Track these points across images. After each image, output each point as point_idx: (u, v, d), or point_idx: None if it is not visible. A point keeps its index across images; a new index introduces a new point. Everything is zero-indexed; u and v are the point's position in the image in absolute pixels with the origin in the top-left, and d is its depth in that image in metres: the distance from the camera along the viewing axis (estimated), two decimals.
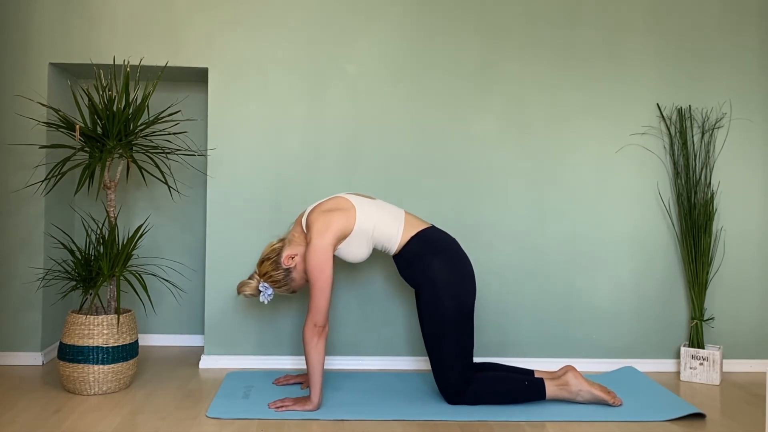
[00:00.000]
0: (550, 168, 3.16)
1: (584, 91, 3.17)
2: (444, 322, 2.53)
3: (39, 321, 3.05)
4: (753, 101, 3.21)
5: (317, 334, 2.46)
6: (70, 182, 3.29)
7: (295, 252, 2.62)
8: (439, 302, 2.53)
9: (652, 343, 3.18)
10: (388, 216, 2.62)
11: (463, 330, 2.55)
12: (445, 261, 2.56)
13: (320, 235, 2.50)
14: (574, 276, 3.16)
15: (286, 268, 2.62)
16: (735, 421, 2.48)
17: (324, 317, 2.47)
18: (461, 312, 2.54)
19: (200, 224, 3.50)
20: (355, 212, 2.57)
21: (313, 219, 2.57)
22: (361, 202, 2.62)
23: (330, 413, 2.45)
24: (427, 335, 2.57)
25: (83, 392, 2.62)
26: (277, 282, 2.63)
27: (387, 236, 2.60)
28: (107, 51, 3.05)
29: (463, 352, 2.55)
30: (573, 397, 2.58)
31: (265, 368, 3.06)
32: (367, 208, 2.60)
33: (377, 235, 2.60)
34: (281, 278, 2.62)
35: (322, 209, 2.58)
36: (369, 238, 2.59)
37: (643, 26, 3.18)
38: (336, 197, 2.64)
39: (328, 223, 2.52)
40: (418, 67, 3.12)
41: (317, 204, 2.64)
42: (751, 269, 3.21)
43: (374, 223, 2.58)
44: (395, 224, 2.61)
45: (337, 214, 2.55)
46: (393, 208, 2.68)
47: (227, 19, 3.08)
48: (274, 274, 2.62)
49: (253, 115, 3.09)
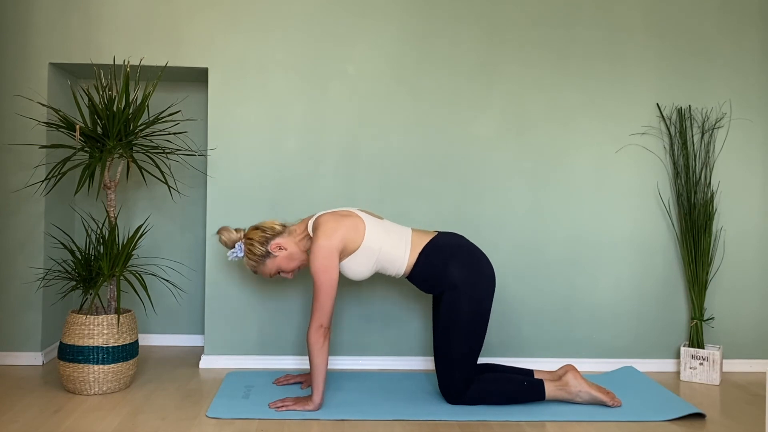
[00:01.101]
0: (550, 168, 3.16)
1: (584, 91, 3.17)
2: (461, 323, 2.52)
3: (39, 321, 3.05)
4: (753, 101, 3.22)
5: (323, 336, 2.46)
6: (70, 182, 3.29)
7: (286, 246, 2.60)
8: (459, 303, 2.52)
9: (652, 343, 3.18)
10: (395, 237, 2.60)
11: (477, 332, 2.55)
12: (461, 264, 2.56)
13: (327, 236, 2.49)
14: (574, 276, 3.16)
15: (268, 252, 2.59)
16: (735, 421, 2.48)
17: (329, 319, 2.47)
18: (479, 313, 2.54)
19: (200, 224, 3.50)
20: (364, 228, 2.55)
21: (323, 220, 2.55)
22: (370, 220, 2.60)
23: (330, 413, 2.45)
24: (441, 334, 2.56)
25: (83, 392, 2.62)
26: (252, 254, 2.60)
27: (392, 258, 2.58)
28: (107, 51, 3.05)
29: (471, 354, 2.55)
30: (572, 397, 2.58)
31: (265, 368, 3.06)
32: (376, 227, 2.58)
33: (381, 257, 2.58)
34: (257, 255, 2.60)
35: (335, 213, 2.58)
36: (374, 258, 2.57)
37: (643, 26, 3.18)
38: (349, 210, 2.64)
39: (338, 226, 2.51)
40: (418, 67, 3.12)
41: (330, 210, 2.64)
42: (751, 269, 3.21)
43: (381, 244, 2.56)
44: (401, 247, 2.59)
45: (349, 222, 2.54)
46: (399, 229, 2.65)
47: (227, 19, 3.08)
48: (256, 247, 2.59)
49: (253, 115, 3.09)
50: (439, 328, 2.58)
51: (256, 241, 2.60)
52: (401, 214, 3.10)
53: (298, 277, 3.07)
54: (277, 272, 2.64)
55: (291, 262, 2.63)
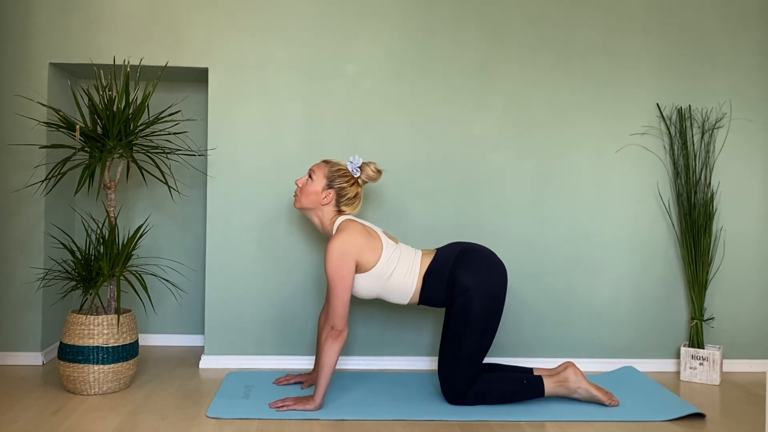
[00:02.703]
0: (550, 168, 3.16)
1: (584, 91, 3.17)
2: (472, 323, 2.52)
3: (39, 321, 3.05)
4: (753, 101, 3.22)
5: (332, 337, 2.46)
6: (70, 182, 3.29)
7: (328, 201, 2.61)
8: (472, 304, 2.52)
9: (652, 343, 3.18)
10: (406, 266, 2.58)
11: (488, 331, 2.55)
12: (464, 268, 2.55)
13: (346, 241, 2.48)
14: (574, 276, 3.16)
15: (329, 185, 2.62)
16: (735, 421, 2.48)
17: (342, 322, 2.46)
18: (491, 313, 2.54)
19: (200, 224, 3.50)
20: (381, 252, 2.55)
21: (350, 225, 2.55)
22: (389, 245, 2.59)
23: (331, 413, 2.45)
24: (451, 336, 2.56)
25: (83, 392, 2.62)
26: (333, 172, 2.63)
27: (398, 286, 2.58)
28: (107, 51, 3.05)
29: (479, 354, 2.55)
30: (570, 393, 2.58)
31: (266, 368, 3.06)
32: (392, 253, 2.57)
33: (388, 285, 2.58)
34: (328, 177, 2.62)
35: (362, 224, 2.58)
36: (381, 283, 2.57)
37: (643, 26, 3.18)
38: (374, 227, 2.63)
39: (361, 238, 2.50)
40: (418, 67, 3.12)
41: (359, 219, 2.63)
42: (751, 269, 3.21)
43: (391, 271, 2.56)
44: (410, 276, 2.58)
45: (371, 239, 2.54)
46: (411, 257, 2.62)
47: (227, 19, 3.08)
48: (335, 175, 2.63)
49: (253, 115, 3.09)
50: (450, 328, 2.57)
51: (337, 176, 2.62)
52: (401, 214, 3.10)
53: (297, 277, 3.08)
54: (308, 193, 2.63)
55: (309, 200, 2.64)
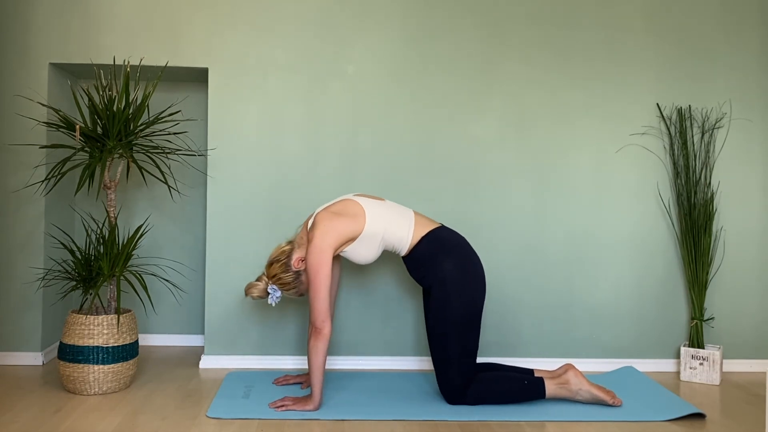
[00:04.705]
0: (550, 168, 3.16)
1: (584, 91, 3.17)
2: (451, 323, 2.52)
3: (39, 321, 3.05)
4: (753, 101, 3.22)
5: (314, 336, 2.47)
6: (70, 182, 3.29)
7: (304, 255, 2.61)
8: (448, 303, 2.53)
9: (652, 343, 3.18)
10: (398, 217, 2.62)
11: (469, 331, 2.55)
12: (455, 261, 2.56)
13: (322, 236, 2.50)
14: (574, 276, 3.16)
15: (296, 271, 2.61)
16: (735, 421, 2.48)
17: (321, 318, 2.46)
18: (469, 313, 2.54)
19: (200, 224, 3.50)
20: (364, 216, 2.56)
21: (319, 219, 2.56)
22: (370, 204, 2.61)
23: (330, 413, 2.45)
24: (433, 335, 2.57)
25: (83, 392, 2.62)
26: (286, 284, 2.62)
27: (397, 238, 2.60)
28: (107, 51, 3.05)
29: (467, 353, 2.55)
30: (572, 395, 2.58)
31: (265, 368, 3.06)
32: (376, 210, 2.59)
33: (387, 237, 2.60)
34: (290, 281, 2.61)
35: (330, 211, 2.58)
36: (379, 241, 2.59)
37: (643, 26, 3.18)
38: (345, 200, 2.63)
39: (333, 225, 2.52)
40: (418, 67, 3.12)
41: (326, 205, 2.63)
42: (751, 269, 3.21)
43: (384, 225, 2.58)
44: (405, 226, 2.61)
45: (344, 219, 2.54)
46: (402, 209, 2.68)
47: (227, 19, 3.08)
48: (284, 276, 2.61)
49: (253, 115, 3.09)
50: (430, 329, 2.59)
51: (280, 273, 2.61)
52: None
53: None
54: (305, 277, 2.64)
55: (300, 267, 2.64)
